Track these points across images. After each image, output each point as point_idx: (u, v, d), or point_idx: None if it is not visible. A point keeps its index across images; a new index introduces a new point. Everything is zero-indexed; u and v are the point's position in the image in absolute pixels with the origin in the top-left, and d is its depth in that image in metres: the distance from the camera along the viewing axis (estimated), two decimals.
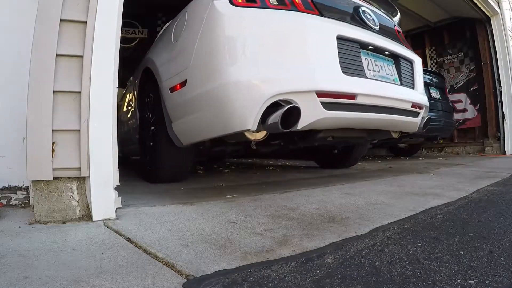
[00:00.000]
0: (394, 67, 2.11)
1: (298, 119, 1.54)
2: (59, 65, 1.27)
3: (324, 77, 1.63)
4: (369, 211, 1.35)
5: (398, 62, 2.14)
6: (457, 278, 0.71)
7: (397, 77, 2.10)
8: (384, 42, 2.03)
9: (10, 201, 1.51)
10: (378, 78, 1.90)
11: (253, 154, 5.77)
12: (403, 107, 2.05)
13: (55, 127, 1.25)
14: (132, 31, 7.64)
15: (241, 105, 1.51)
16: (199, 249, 0.93)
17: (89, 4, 1.30)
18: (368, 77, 1.83)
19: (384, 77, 1.96)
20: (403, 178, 2.47)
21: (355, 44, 1.81)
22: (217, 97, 1.58)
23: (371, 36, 1.94)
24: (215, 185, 2.27)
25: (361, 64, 1.83)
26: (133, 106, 2.93)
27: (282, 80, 1.53)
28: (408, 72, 2.22)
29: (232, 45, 1.54)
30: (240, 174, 3.10)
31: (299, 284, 0.71)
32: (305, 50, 1.61)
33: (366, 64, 1.86)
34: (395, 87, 2.04)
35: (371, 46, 1.92)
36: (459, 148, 6.44)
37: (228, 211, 1.39)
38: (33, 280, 0.73)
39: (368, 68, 1.86)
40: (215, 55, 1.58)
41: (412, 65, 2.28)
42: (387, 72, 2.02)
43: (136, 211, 1.38)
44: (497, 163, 3.80)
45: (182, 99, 1.85)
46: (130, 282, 0.73)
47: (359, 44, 1.84)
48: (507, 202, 1.48)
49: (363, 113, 1.80)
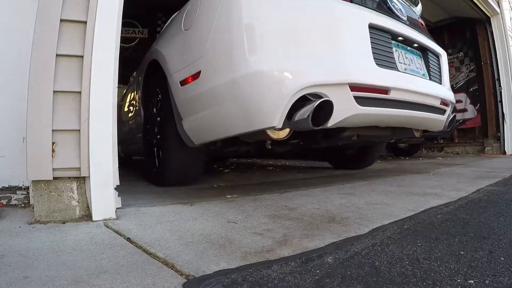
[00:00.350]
0: (423, 60, 1.98)
1: (330, 115, 1.38)
2: (59, 65, 1.27)
3: (357, 69, 1.49)
4: (369, 211, 1.35)
5: (426, 56, 2.01)
6: (457, 278, 0.71)
7: (426, 72, 1.96)
8: (414, 34, 1.90)
9: (10, 201, 1.51)
10: (409, 72, 1.78)
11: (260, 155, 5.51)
12: (432, 103, 1.92)
13: (55, 127, 1.25)
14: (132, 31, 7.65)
15: (267, 98, 1.34)
16: (199, 249, 0.93)
17: (89, 4, 1.30)
18: (400, 70, 1.70)
19: (414, 71, 1.83)
20: (403, 178, 2.47)
21: (386, 34, 1.69)
22: (238, 90, 1.40)
23: (401, 27, 1.81)
24: (215, 185, 2.27)
25: (393, 56, 1.70)
26: (137, 104, 2.78)
27: (312, 70, 1.37)
28: (435, 66, 2.09)
29: (257, 30, 1.37)
30: (240, 174, 3.10)
31: (299, 284, 0.71)
32: (336, 38, 1.47)
33: (397, 56, 1.73)
34: (425, 82, 1.90)
35: (401, 37, 1.80)
36: (459, 148, 6.44)
37: (228, 211, 1.39)
38: (33, 280, 0.73)
39: (399, 61, 1.73)
40: (236, 41, 1.40)
41: (439, 59, 2.16)
42: (417, 66, 1.89)
43: (136, 211, 1.38)
44: (497, 163, 3.80)
45: (194, 93, 1.67)
46: (130, 282, 0.73)
47: (390, 34, 1.71)
48: (507, 202, 1.48)
49: (395, 109, 1.67)
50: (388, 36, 1.70)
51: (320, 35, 1.44)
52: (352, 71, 1.47)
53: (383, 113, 1.62)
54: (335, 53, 1.45)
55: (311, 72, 1.37)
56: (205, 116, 1.65)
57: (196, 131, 1.80)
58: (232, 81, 1.41)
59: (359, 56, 1.52)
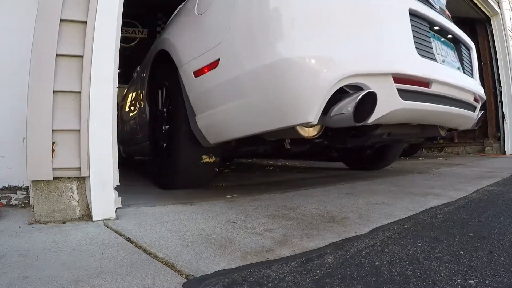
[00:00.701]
0: (456, 53, 1.86)
1: (373, 109, 1.22)
2: (59, 65, 1.27)
3: (401, 58, 1.36)
4: (369, 211, 1.35)
5: (459, 48, 1.89)
6: (457, 278, 0.71)
7: (460, 65, 1.84)
8: (449, 23, 1.76)
9: (10, 201, 1.51)
10: (447, 64, 1.65)
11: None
12: (467, 99, 1.79)
13: (55, 127, 1.25)
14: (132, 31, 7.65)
15: (302, 90, 1.17)
16: (199, 249, 0.93)
17: (89, 4, 1.30)
18: (438, 61, 1.57)
19: (450, 64, 1.70)
20: (403, 178, 2.47)
21: (424, 22, 1.55)
22: (267, 80, 1.23)
23: (437, 15, 1.67)
24: (215, 185, 2.27)
25: (431, 46, 1.56)
26: (141, 101, 2.61)
27: (353, 58, 1.23)
28: (467, 59, 1.97)
29: (290, 10, 1.21)
30: (240, 174, 3.10)
31: (299, 284, 0.71)
32: (377, 22, 1.33)
33: (435, 47, 1.60)
34: (461, 76, 1.77)
35: (438, 26, 1.66)
36: (459, 148, 6.44)
37: (228, 211, 1.39)
38: (33, 280, 0.73)
39: (437, 52, 1.60)
40: (264, 23, 1.24)
41: (469, 52, 2.04)
42: (452, 58, 1.77)
43: (136, 211, 1.38)
44: (497, 163, 3.80)
45: (211, 85, 1.49)
46: (130, 282, 0.73)
47: (428, 22, 1.57)
48: (507, 202, 1.48)
49: (434, 104, 1.52)
50: (426, 24, 1.57)
51: (360, 19, 1.30)
52: (396, 60, 1.33)
53: (424, 108, 1.47)
54: (376, 39, 1.31)
55: (352, 60, 1.22)
56: (224, 111, 1.46)
57: (212, 128, 1.60)
58: (260, 70, 1.24)
59: (402, 44, 1.39)
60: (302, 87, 1.17)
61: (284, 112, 1.23)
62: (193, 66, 1.61)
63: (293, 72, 1.17)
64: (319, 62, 1.18)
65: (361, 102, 1.17)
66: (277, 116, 1.26)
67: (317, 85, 1.16)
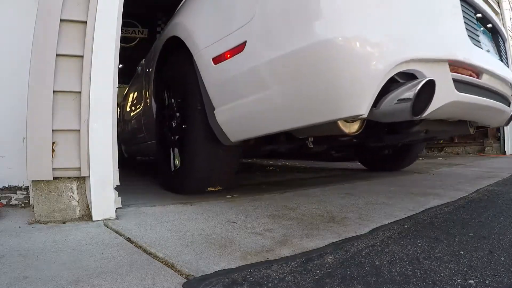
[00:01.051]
0: (494, 43, 1.74)
1: (430, 100, 1.05)
2: (59, 65, 1.27)
3: (456, 43, 1.23)
4: (369, 211, 1.35)
5: (497, 38, 1.77)
6: (457, 278, 0.71)
7: (498, 56, 1.72)
8: (489, 11, 1.63)
9: (10, 201, 1.51)
10: (492, 55, 1.54)
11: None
12: (506, 92, 1.64)
13: (55, 127, 1.25)
14: (132, 31, 7.66)
15: (355, 76, 0.99)
16: (199, 249, 0.93)
17: (89, 4, 1.30)
18: (485, 50, 1.47)
19: (493, 54, 1.60)
20: (403, 178, 2.47)
21: (471, 8, 1.44)
22: (311, 65, 1.04)
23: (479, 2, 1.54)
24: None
25: (478, 34, 1.45)
26: (146, 97, 2.42)
27: (411, 40, 1.08)
28: (503, 51, 1.84)
29: None
30: (240, 174, 3.10)
31: (299, 284, 0.71)
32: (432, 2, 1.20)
33: (479, 36, 1.48)
34: (504, 67, 1.64)
35: (480, 13, 1.54)
36: (459, 148, 6.44)
37: (228, 211, 1.39)
38: (33, 280, 0.73)
39: (482, 41, 1.48)
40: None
41: (504, 43, 1.90)
42: (492, 48, 1.65)
43: (136, 211, 1.38)
44: (497, 163, 3.80)
45: (234, 72, 1.30)
46: (130, 282, 0.73)
47: (473, 8, 1.46)
48: (507, 202, 1.48)
49: (483, 98, 1.38)
50: (472, 10, 1.44)
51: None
52: (453, 45, 1.19)
53: (473, 102, 1.31)
54: (433, 20, 1.17)
55: (410, 43, 1.06)
56: (251, 103, 1.26)
57: (234, 123, 1.41)
58: (301, 53, 1.05)
59: (456, 28, 1.26)
60: (354, 74, 0.99)
61: (331, 103, 1.04)
62: (213, 51, 1.42)
63: (345, 56, 0.99)
64: (375, 44, 1.01)
65: (420, 92, 1.00)
66: (321, 108, 1.07)
67: (371, 71, 0.99)
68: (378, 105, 1.04)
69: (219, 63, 1.39)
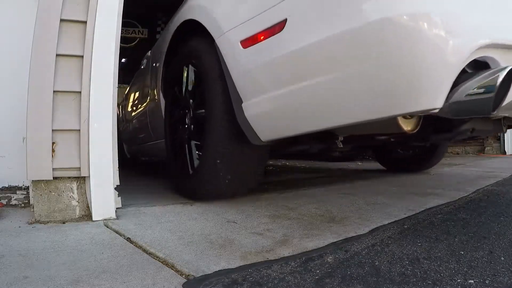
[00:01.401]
0: None
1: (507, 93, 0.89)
2: (59, 65, 1.27)
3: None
4: (369, 211, 1.35)
5: None
6: (457, 278, 0.71)
7: None
8: None
9: (10, 201, 1.51)
10: None
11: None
12: None
13: (55, 127, 1.25)
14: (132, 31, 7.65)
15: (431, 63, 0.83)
16: (199, 249, 0.93)
17: (89, 4, 1.30)
18: None
19: None
20: (403, 178, 2.47)
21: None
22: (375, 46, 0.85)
23: None
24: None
25: None
26: (153, 93, 2.24)
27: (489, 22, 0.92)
28: None
29: None
30: None
31: (299, 283, 0.71)
32: None
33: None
34: None
35: None
36: (459, 148, 6.44)
37: (228, 211, 1.39)
38: (33, 280, 0.73)
39: None
40: None
41: None
42: None
43: (136, 211, 1.38)
44: (497, 163, 3.80)
45: (270, 57, 1.10)
46: (130, 282, 0.73)
47: None
48: (507, 202, 1.48)
49: None
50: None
51: None
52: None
53: None
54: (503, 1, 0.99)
55: (488, 25, 0.90)
56: (290, 94, 1.07)
57: (268, 119, 1.21)
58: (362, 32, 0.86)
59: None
60: (430, 60, 0.83)
61: (400, 95, 0.87)
62: (241, 33, 1.22)
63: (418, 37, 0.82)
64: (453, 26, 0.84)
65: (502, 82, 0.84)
66: (386, 102, 0.88)
67: (449, 57, 0.83)
68: (448, 97, 0.87)
69: (250, 46, 1.18)
